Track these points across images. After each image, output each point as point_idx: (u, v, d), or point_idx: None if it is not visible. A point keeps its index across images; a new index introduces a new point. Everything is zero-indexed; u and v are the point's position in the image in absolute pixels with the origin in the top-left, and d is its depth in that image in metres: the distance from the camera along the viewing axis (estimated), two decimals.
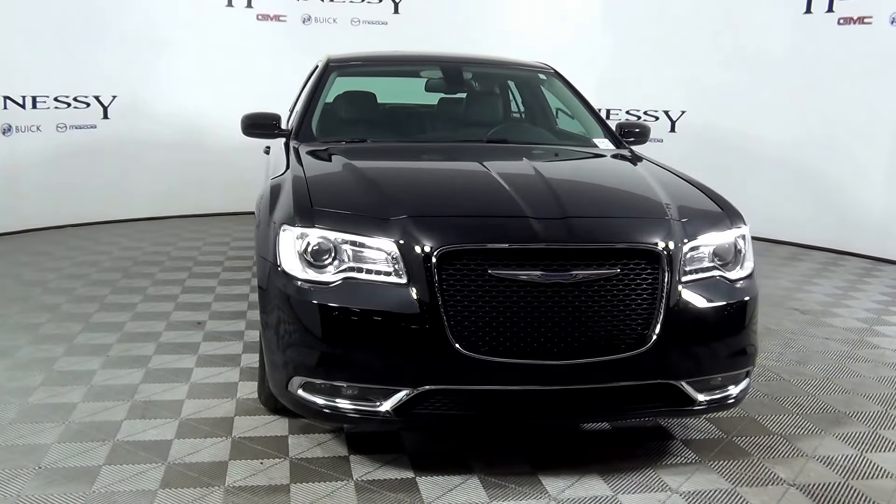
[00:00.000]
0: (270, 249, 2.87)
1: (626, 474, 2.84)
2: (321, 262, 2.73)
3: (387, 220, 2.74)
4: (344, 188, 3.07)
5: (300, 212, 2.82)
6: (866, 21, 7.00)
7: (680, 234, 2.83)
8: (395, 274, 2.65)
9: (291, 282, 2.73)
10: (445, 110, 4.52)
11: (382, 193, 2.94)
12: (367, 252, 2.70)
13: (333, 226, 2.76)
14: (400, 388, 2.63)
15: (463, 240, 2.64)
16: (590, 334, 2.65)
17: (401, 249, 2.65)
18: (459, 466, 2.86)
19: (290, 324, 2.72)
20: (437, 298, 2.58)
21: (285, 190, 3.08)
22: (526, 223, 2.72)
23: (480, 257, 2.62)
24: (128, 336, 4.24)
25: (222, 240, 7.08)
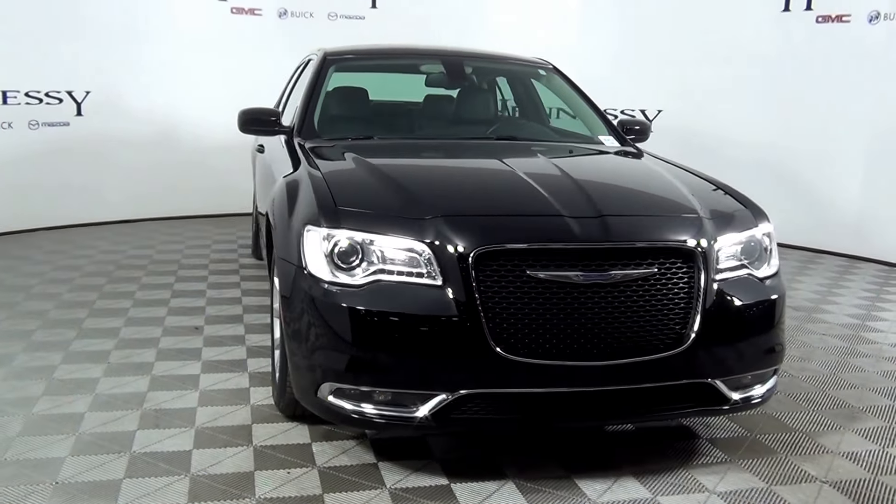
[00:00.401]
0: (294, 251, 2.78)
1: (660, 475, 2.82)
2: (349, 264, 2.66)
3: (418, 221, 2.67)
4: (366, 187, 2.99)
5: (325, 212, 2.74)
6: (844, 19, 7.11)
7: (712, 231, 2.82)
8: (428, 275, 2.59)
9: (319, 284, 2.65)
10: (448, 106, 4.46)
11: (409, 192, 2.87)
12: (398, 253, 2.63)
13: (361, 226, 2.68)
14: (437, 392, 2.57)
15: (501, 240, 2.58)
16: (629, 335, 2.61)
17: (434, 250, 2.59)
18: (492, 472, 2.80)
19: (320, 328, 2.63)
20: (476, 300, 2.52)
21: (304, 189, 3.00)
22: (563, 222, 2.68)
23: (517, 258, 2.57)
24: (125, 342, 4.10)
25: (203, 242, 6.93)
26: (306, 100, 4.04)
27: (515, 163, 3.26)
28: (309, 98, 4.04)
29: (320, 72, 4.21)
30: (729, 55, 7.74)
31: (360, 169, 3.18)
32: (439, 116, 4.38)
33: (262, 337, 4.25)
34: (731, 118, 7.69)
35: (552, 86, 4.66)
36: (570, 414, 2.68)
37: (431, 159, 3.68)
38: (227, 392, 3.46)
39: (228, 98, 8.13)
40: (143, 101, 7.65)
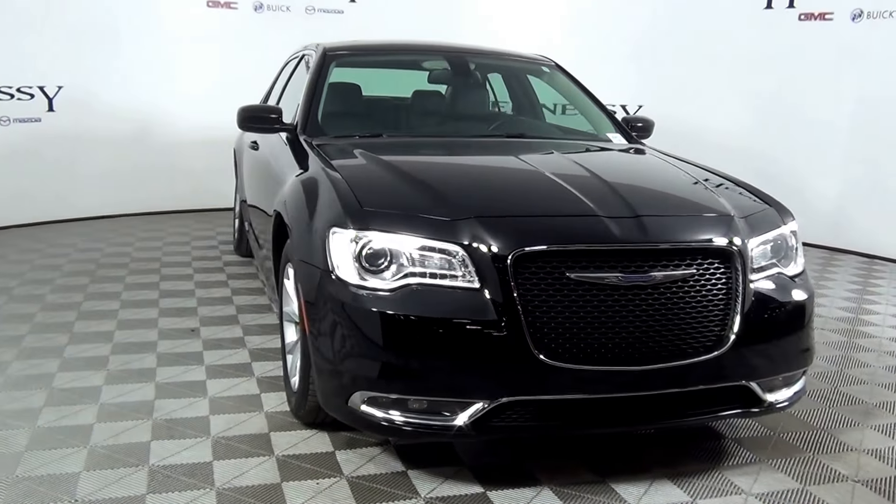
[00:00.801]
0: (318, 254, 2.67)
1: (694, 478, 2.79)
2: (377, 267, 2.57)
3: (451, 222, 2.58)
4: (389, 186, 2.89)
5: (351, 213, 2.64)
6: (827, 17, 7.18)
7: (745, 230, 2.79)
8: (463, 278, 2.51)
9: (348, 289, 2.55)
10: (452, 103, 4.37)
11: (438, 192, 2.78)
12: (431, 255, 2.54)
13: (390, 227, 2.59)
14: (476, 400, 2.49)
15: (540, 241, 2.51)
16: (670, 337, 2.57)
17: (469, 252, 2.51)
18: (526, 478, 2.74)
19: (350, 335, 2.53)
20: (516, 304, 2.45)
21: (324, 189, 2.89)
22: (601, 223, 2.62)
23: (556, 260, 2.51)
24: (122, 347, 3.94)
25: (182, 239, 6.74)
26: (309, 96, 3.91)
27: (536, 161, 3.19)
28: (312, 95, 3.92)
29: (321, 68, 4.09)
30: (711, 52, 7.78)
31: (379, 168, 3.09)
32: (443, 113, 4.28)
33: (263, 339, 4.12)
34: (712, 114, 7.74)
35: (555, 83, 4.60)
36: (612, 420, 2.62)
37: (448, 158, 3.58)
38: (238, 399, 3.34)
39: (205, 92, 7.99)
40: (117, 95, 7.41)
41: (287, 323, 3.33)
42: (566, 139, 4.07)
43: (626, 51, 8.17)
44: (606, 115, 4.33)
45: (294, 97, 4.71)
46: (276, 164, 3.83)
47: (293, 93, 4.80)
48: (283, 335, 3.35)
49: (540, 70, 4.65)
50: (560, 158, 3.38)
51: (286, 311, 3.30)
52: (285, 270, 3.20)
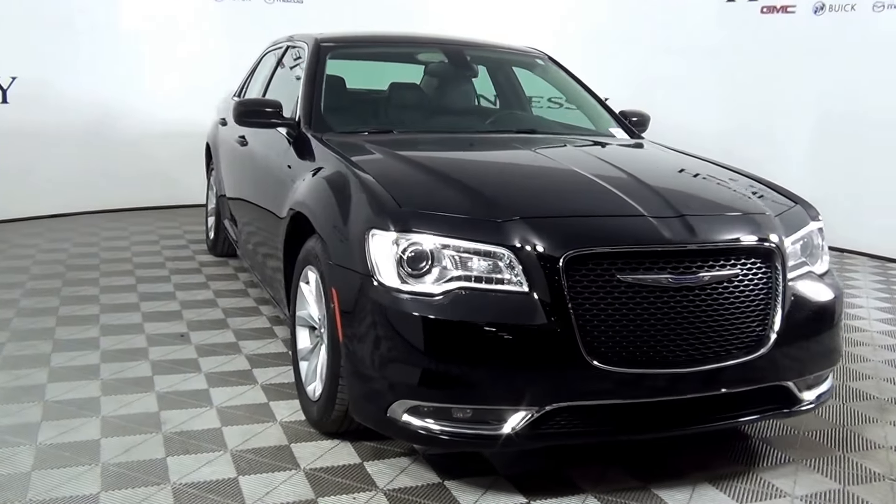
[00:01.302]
0: (357, 258, 2.53)
1: (734, 481, 2.74)
2: (418, 270, 2.45)
3: (497, 223, 2.48)
4: (424, 186, 2.77)
5: (391, 213, 2.52)
6: (789, 10, 7.27)
7: (781, 228, 2.76)
8: (511, 282, 2.41)
9: (391, 294, 2.42)
10: (453, 97, 4.25)
11: (477, 192, 2.66)
12: (477, 258, 2.43)
13: (433, 229, 2.47)
14: (524, 407, 2.40)
15: (592, 243, 2.43)
16: (716, 338, 2.51)
17: (517, 255, 2.41)
18: (567, 486, 2.65)
19: (392, 342, 2.41)
20: (567, 307, 2.36)
21: (355, 188, 2.75)
22: (648, 223, 2.55)
23: (607, 261, 2.43)
24: (111, 354, 3.71)
25: (149, 237, 6.47)
26: (309, 90, 3.74)
27: (563, 158, 3.12)
28: (312, 89, 3.76)
29: (317, 60, 3.92)
30: (673, 45, 7.82)
31: (407, 166, 2.96)
32: (445, 108, 4.17)
33: (258, 344, 3.94)
34: (675, 108, 7.76)
35: (549, 76, 4.52)
36: (660, 424, 2.55)
37: (472, 155, 3.45)
38: (247, 408, 3.17)
39: (167, 84, 7.68)
40: (74, 87, 7.09)
41: (300, 328, 3.17)
42: (576, 134, 3.99)
43: (588, 44, 8.14)
44: (606, 109, 4.27)
45: (280, 91, 4.54)
46: (278, 161, 3.66)
47: (280, 87, 4.63)
48: (294, 341, 3.20)
49: (533, 63, 4.57)
50: (585, 155, 3.30)
51: (300, 315, 3.14)
52: (303, 273, 3.05)
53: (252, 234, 4.26)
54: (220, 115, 5.67)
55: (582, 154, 3.34)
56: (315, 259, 2.86)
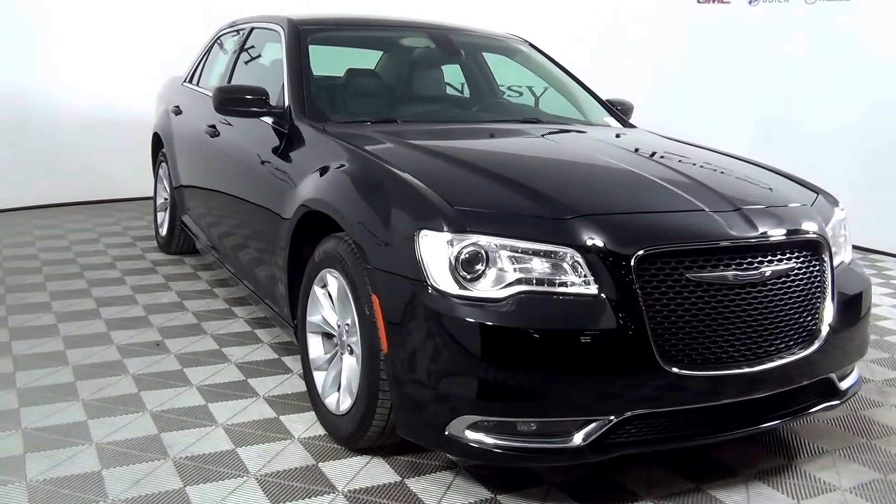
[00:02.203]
0: (405, 261, 2.32)
1: (782, 476, 2.67)
2: (473, 273, 2.26)
3: (560, 221, 2.32)
4: (467, 182, 2.57)
5: (443, 212, 2.32)
6: (724, 0, 7.37)
7: (822, 219, 2.72)
8: (579, 284, 2.25)
9: (448, 300, 2.23)
10: (442, 85, 4.05)
11: (530, 188, 2.49)
12: (538, 260, 2.26)
13: (491, 229, 2.29)
14: (595, 417, 2.25)
15: (663, 240, 2.30)
16: (779, 334, 2.44)
17: (584, 254, 2.26)
18: (622, 492, 2.53)
19: (452, 353, 2.21)
20: (640, 309, 2.22)
21: (392, 185, 2.55)
22: (711, 218, 2.43)
23: (675, 259, 2.30)
24: (85, 371, 3.36)
25: (88, 236, 6.01)
26: (296, 77, 3.47)
27: (597, 151, 2.99)
28: (299, 75, 3.49)
29: (298, 45, 3.64)
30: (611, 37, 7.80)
31: (440, 160, 2.77)
32: (440, 96, 3.96)
33: (244, 351, 3.66)
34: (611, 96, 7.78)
35: (529, 64, 4.36)
36: (729, 426, 2.45)
37: (499, 147, 3.23)
38: (257, 425, 2.91)
39: (90, 70, 7.14)
40: None
41: (312, 335, 2.94)
42: (578, 124, 3.85)
43: (521, 30, 8.05)
44: (594, 98, 4.16)
45: (249, 78, 4.25)
46: (267, 154, 3.38)
47: (247, 73, 4.33)
48: (305, 350, 2.96)
49: (513, 49, 4.41)
50: (613, 147, 3.17)
51: (312, 321, 2.91)
52: (318, 276, 2.81)
53: (232, 232, 3.95)
54: (169, 104, 5.28)
55: (609, 146, 3.20)
56: (339, 262, 2.62)
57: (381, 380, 2.44)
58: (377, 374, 2.45)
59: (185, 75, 5.38)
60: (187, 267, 5.14)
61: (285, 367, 3.48)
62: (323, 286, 2.84)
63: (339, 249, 2.63)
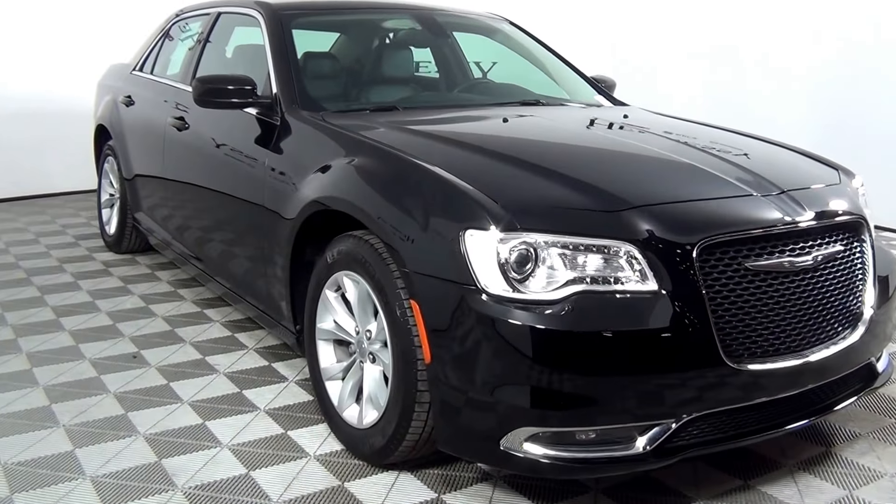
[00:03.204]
0: (449, 264, 2.12)
1: (826, 466, 2.58)
2: (522, 274, 2.08)
3: (613, 213, 2.15)
4: (505, 175, 2.37)
5: (490, 210, 2.12)
6: None
7: (856, 197, 2.63)
8: (638, 281, 2.09)
9: (501, 304, 2.04)
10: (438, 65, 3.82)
11: (573, 180, 2.31)
12: (591, 256, 2.09)
13: (542, 225, 2.10)
14: (658, 421, 2.11)
15: (724, 228, 2.15)
16: (830, 321, 2.34)
17: (641, 248, 2.10)
18: (673, 494, 2.40)
19: (509, 362, 2.03)
20: (704, 304, 2.08)
21: (425, 180, 2.34)
22: (762, 203, 2.30)
23: (734, 249, 2.17)
24: (60, 391, 3.04)
25: (24, 236, 5.58)
26: (283, 65, 3.21)
27: (623, 135, 2.84)
28: (286, 63, 3.23)
29: (280, 31, 3.37)
30: None
31: (468, 152, 2.57)
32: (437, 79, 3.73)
33: (229, 359, 3.39)
34: None
35: (510, 43, 4.17)
36: (791, 417, 2.33)
37: (521, 133, 3.02)
38: (266, 443, 2.67)
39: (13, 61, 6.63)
40: None
41: (322, 343, 2.71)
42: (577, 104, 3.68)
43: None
44: (582, 77, 4.01)
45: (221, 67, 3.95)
46: (254, 149, 3.11)
47: (219, 61, 4.01)
48: (314, 359, 2.73)
49: (492, 28, 4.21)
50: (634, 131, 3.01)
51: (323, 328, 2.68)
52: (332, 278, 2.57)
53: (209, 231, 3.66)
54: (117, 94, 4.89)
55: (635, 131, 3.04)
56: (361, 264, 2.40)
57: (419, 391, 2.24)
58: (413, 385, 2.24)
59: (134, 63, 4.98)
60: (143, 267, 4.79)
61: (279, 375, 3.23)
62: (336, 290, 2.61)
63: (361, 250, 2.41)
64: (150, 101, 4.39)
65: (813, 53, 6.27)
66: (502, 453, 2.10)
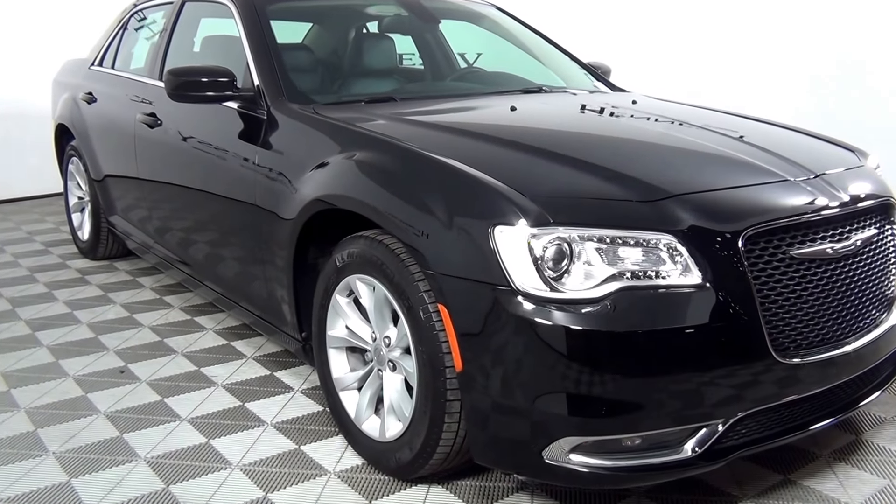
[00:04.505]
0: (479, 263, 1.97)
1: (861, 455, 2.50)
2: (558, 272, 1.95)
3: (651, 203, 2.02)
4: (525, 166, 2.22)
5: (519, 204, 1.98)
6: None
7: (879, 178, 2.55)
8: (681, 274, 1.96)
9: (538, 304, 1.90)
10: (423, 54, 3.65)
11: (603, 169, 2.18)
12: (633, 250, 1.96)
13: (576, 219, 1.97)
14: (706, 422, 1.99)
15: (767, 215, 2.04)
16: (869, 306, 2.25)
17: (683, 239, 1.97)
18: (715, 494, 2.29)
19: (551, 367, 1.89)
20: (752, 295, 1.97)
21: (441, 174, 2.19)
22: (800, 188, 2.20)
23: (777, 237, 2.06)
24: (44, 415, 2.83)
25: None
26: (264, 56, 3.03)
27: (637, 122, 2.72)
28: (267, 53, 3.04)
29: (257, 18, 3.18)
30: None
31: (485, 143, 2.44)
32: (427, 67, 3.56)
33: (227, 370, 3.21)
34: None
35: (499, 29, 4.00)
36: (836, 408, 2.25)
37: (537, 122, 2.86)
38: (280, 461, 2.50)
39: None
40: None
41: (334, 351, 2.55)
42: (588, 91, 3.52)
43: None
44: (578, 63, 3.87)
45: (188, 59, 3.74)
46: (240, 144, 2.92)
47: (185, 53, 3.80)
48: (325, 368, 2.57)
49: (478, 15, 4.04)
50: (657, 118, 2.87)
51: (333, 335, 2.52)
52: (343, 282, 2.41)
53: (195, 233, 3.46)
54: (76, 90, 4.64)
55: (646, 116, 2.92)
56: (377, 267, 2.24)
57: (449, 401, 2.10)
58: (442, 395, 2.10)
59: (92, 58, 4.73)
60: (123, 273, 4.56)
61: (283, 385, 3.06)
62: (349, 294, 2.45)
63: (376, 252, 2.25)
64: (114, 98, 4.17)
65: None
66: (546, 465, 1.97)
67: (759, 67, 5.92)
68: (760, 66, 5.93)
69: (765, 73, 5.88)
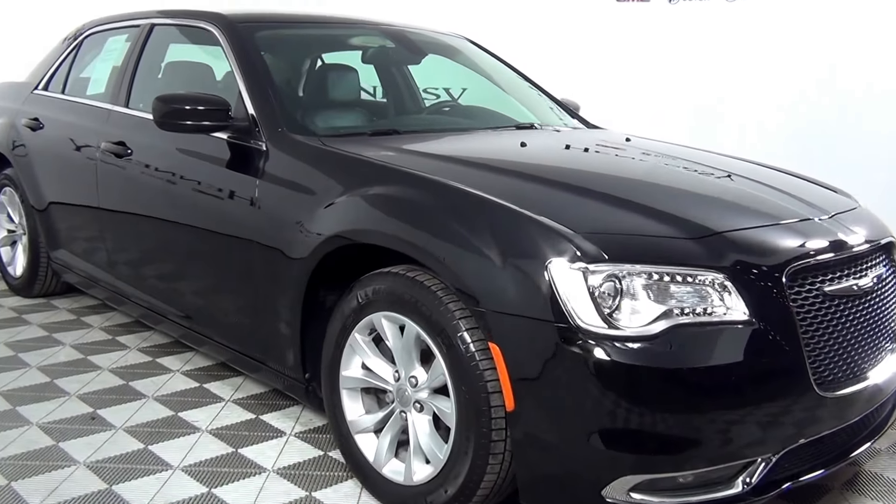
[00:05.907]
0: (536, 301, 1.93)
1: (868, 485, 2.56)
2: (612, 309, 1.94)
3: (699, 241, 2.05)
4: (567, 203, 2.23)
5: (572, 240, 1.97)
6: None
7: None
8: (731, 310, 1.99)
9: (598, 342, 1.88)
10: (406, 88, 3.62)
11: (647, 207, 2.20)
12: (684, 286, 1.97)
13: (629, 255, 1.97)
14: (755, 457, 2.01)
15: (805, 252, 2.10)
16: (882, 340, 2.33)
17: (730, 275, 2.00)
18: None
19: (613, 405, 1.87)
20: (796, 331, 2.01)
21: (482, 210, 2.15)
22: (824, 227, 2.29)
23: (812, 274, 2.12)
24: (15, 467, 2.58)
25: None
26: (259, 85, 2.92)
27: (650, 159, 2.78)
28: (262, 82, 2.94)
29: (247, 45, 3.08)
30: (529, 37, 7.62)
31: (515, 179, 2.43)
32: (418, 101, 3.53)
33: (208, 414, 3.02)
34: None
35: (470, 63, 4.02)
36: (865, 436, 2.33)
37: (549, 160, 2.85)
38: None
39: None
40: None
41: (349, 392, 2.45)
42: (572, 128, 3.56)
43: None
44: (551, 99, 3.93)
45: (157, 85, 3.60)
46: (234, 178, 2.80)
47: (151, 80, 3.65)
48: (338, 410, 2.46)
49: (450, 48, 4.05)
50: (667, 157, 2.93)
51: (348, 376, 2.42)
52: (365, 320, 2.32)
53: (168, 270, 3.28)
54: (17, 115, 4.36)
55: (652, 155, 2.97)
56: (411, 304, 2.17)
57: (493, 441, 2.04)
58: (486, 435, 2.04)
59: (36, 82, 4.46)
60: (65, 312, 4.26)
61: (273, 429, 2.90)
62: (369, 333, 2.36)
63: (408, 289, 2.18)
64: (69, 125, 3.92)
65: None
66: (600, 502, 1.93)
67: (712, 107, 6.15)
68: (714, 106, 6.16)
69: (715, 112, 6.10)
